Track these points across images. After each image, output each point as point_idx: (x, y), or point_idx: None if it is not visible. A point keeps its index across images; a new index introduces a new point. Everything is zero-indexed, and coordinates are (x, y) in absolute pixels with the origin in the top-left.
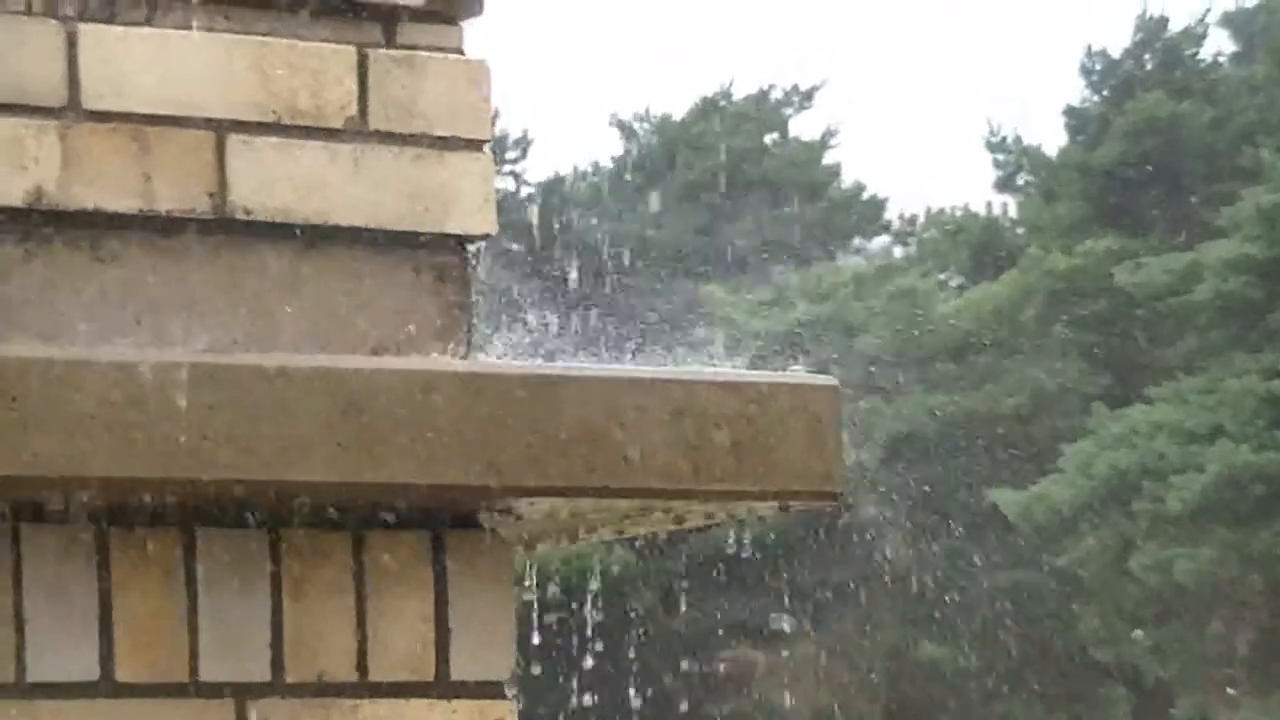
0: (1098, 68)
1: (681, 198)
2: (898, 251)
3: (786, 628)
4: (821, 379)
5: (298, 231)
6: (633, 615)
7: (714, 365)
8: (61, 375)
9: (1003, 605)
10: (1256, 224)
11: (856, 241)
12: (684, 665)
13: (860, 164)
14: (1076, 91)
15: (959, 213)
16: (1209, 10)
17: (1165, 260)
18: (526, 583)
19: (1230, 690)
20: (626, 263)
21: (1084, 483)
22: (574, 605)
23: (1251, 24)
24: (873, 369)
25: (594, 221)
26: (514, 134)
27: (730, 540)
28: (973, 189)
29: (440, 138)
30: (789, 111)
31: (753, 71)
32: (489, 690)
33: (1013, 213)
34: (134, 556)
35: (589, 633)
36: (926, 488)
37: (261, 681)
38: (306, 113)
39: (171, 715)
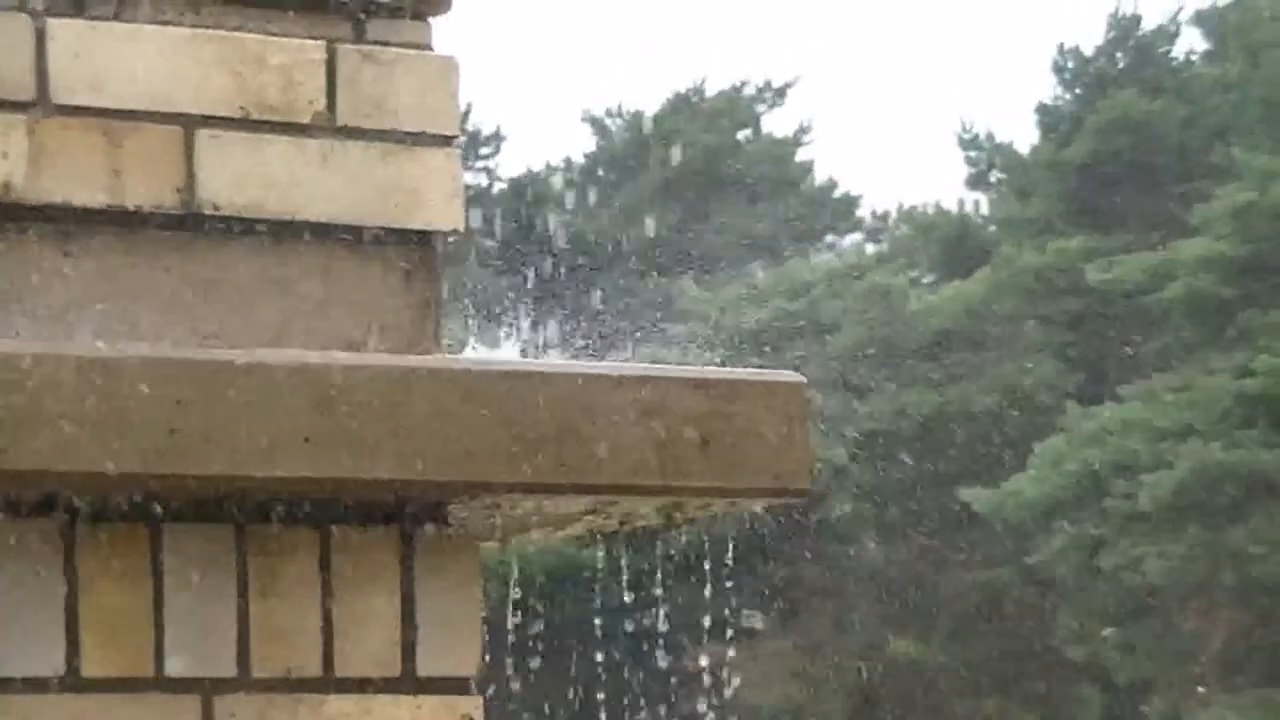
0: (1070, 65)
1: (654, 194)
2: (870, 249)
3: (759, 625)
4: (789, 376)
5: (267, 227)
6: (604, 612)
7: (684, 363)
8: (30, 369)
9: (975, 603)
10: (1228, 222)
11: (829, 238)
12: (656, 662)
13: (833, 161)
14: (1049, 89)
15: (931, 210)
16: (1181, 8)
17: (1137, 258)
18: (497, 580)
19: (1201, 688)
20: (599, 259)
21: (1055, 480)
22: (544, 602)
23: (1224, 22)
24: (845, 366)
25: (566, 218)
26: (486, 130)
27: (701, 537)
28: (945, 186)
29: (409, 133)
30: (762, 108)
31: (726, 67)
32: (457, 686)
33: (985, 210)
34: (101, 551)
35: (559, 630)
36: (899, 485)
37: (228, 677)
38: (275, 108)
39: (138, 711)
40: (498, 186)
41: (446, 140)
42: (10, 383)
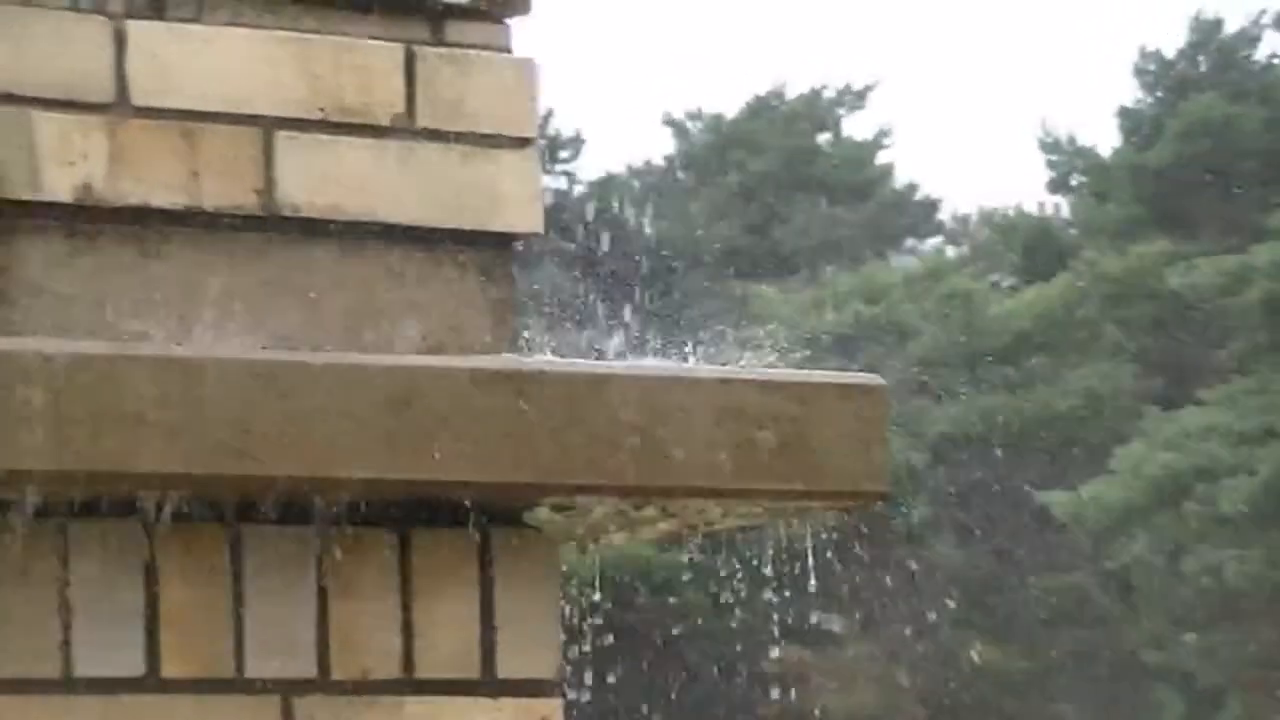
0: (1152, 69)
1: (733, 197)
2: (950, 252)
3: (836, 628)
4: (869, 379)
5: (344, 229)
6: (681, 614)
7: (761, 365)
8: (108, 372)
9: (1053, 607)
10: None
11: (909, 242)
12: (732, 665)
13: (913, 164)
14: (1130, 92)
15: (1012, 213)
16: (1264, 12)
17: (1217, 262)
18: (575, 582)
19: None
20: (677, 262)
21: (1135, 485)
22: (621, 605)
23: None
24: (924, 370)
25: (645, 221)
26: (566, 133)
27: (779, 540)
28: (1026, 189)
29: (487, 136)
30: (842, 111)
31: (806, 70)
32: (535, 688)
33: (1065, 214)
34: (180, 553)
35: (636, 632)
36: (978, 489)
37: (307, 679)
38: (354, 110)
39: (217, 712)
40: (577, 189)
41: (524, 142)
42: (89, 384)
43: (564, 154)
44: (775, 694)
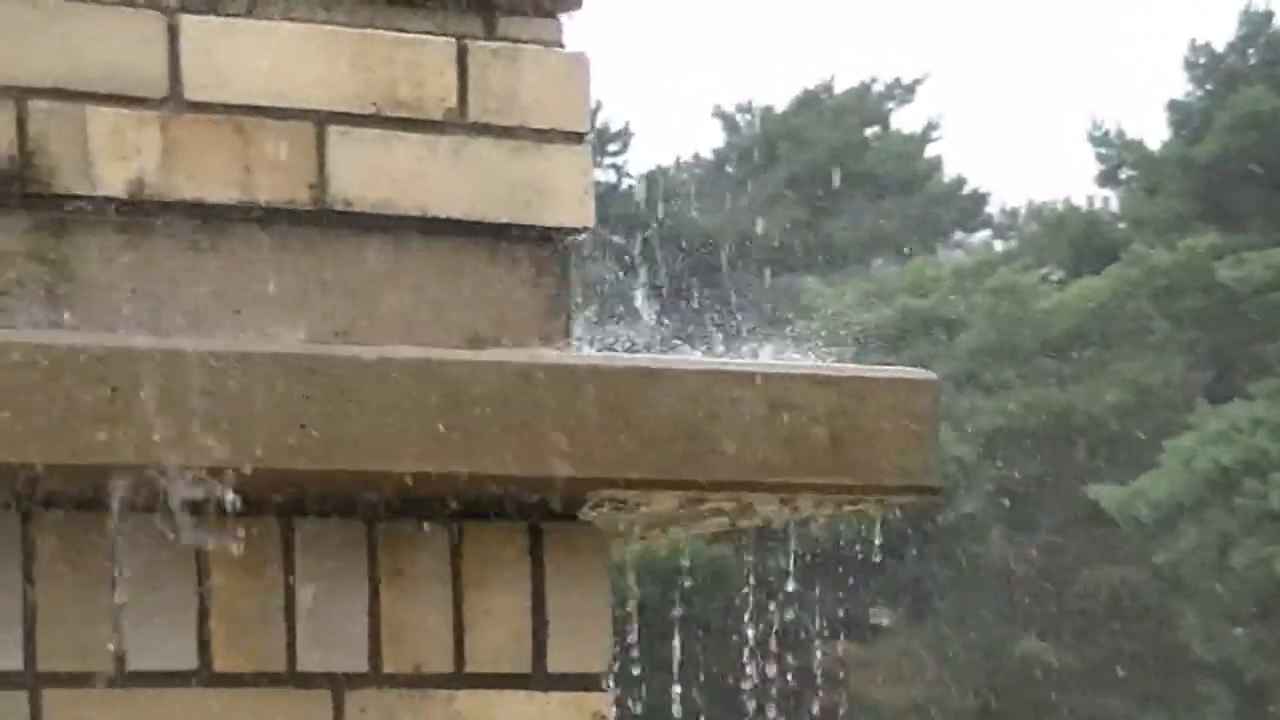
0: (1201, 62)
1: (782, 190)
2: (998, 245)
3: (886, 622)
4: (920, 374)
5: (397, 223)
6: (731, 607)
7: (812, 359)
8: (162, 366)
9: (1102, 601)
10: None
11: (957, 235)
12: (783, 658)
13: (961, 157)
14: (1179, 85)
15: (1060, 207)
16: None
17: (1267, 256)
18: (622, 574)
19: None
20: (726, 255)
21: (1185, 478)
22: (670, 599)
23: None
24: (973, 364)
25: (694, 213)
26: (615, 126)
27: (828, 534)
28: (1075, 183)
29: (539, 130)
30: (891, 105)
31: (855, 64)
32: (586, 682)
33: (1114, 207)
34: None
35: (684, 625)
36: (1026, 483)
37: (359, 672)
38: (406, 104)
39: (269, 705)
40: (626, 182)
41: (577, 137)
42: (142, 379)
43: (613, 146)
44: (823, 687)
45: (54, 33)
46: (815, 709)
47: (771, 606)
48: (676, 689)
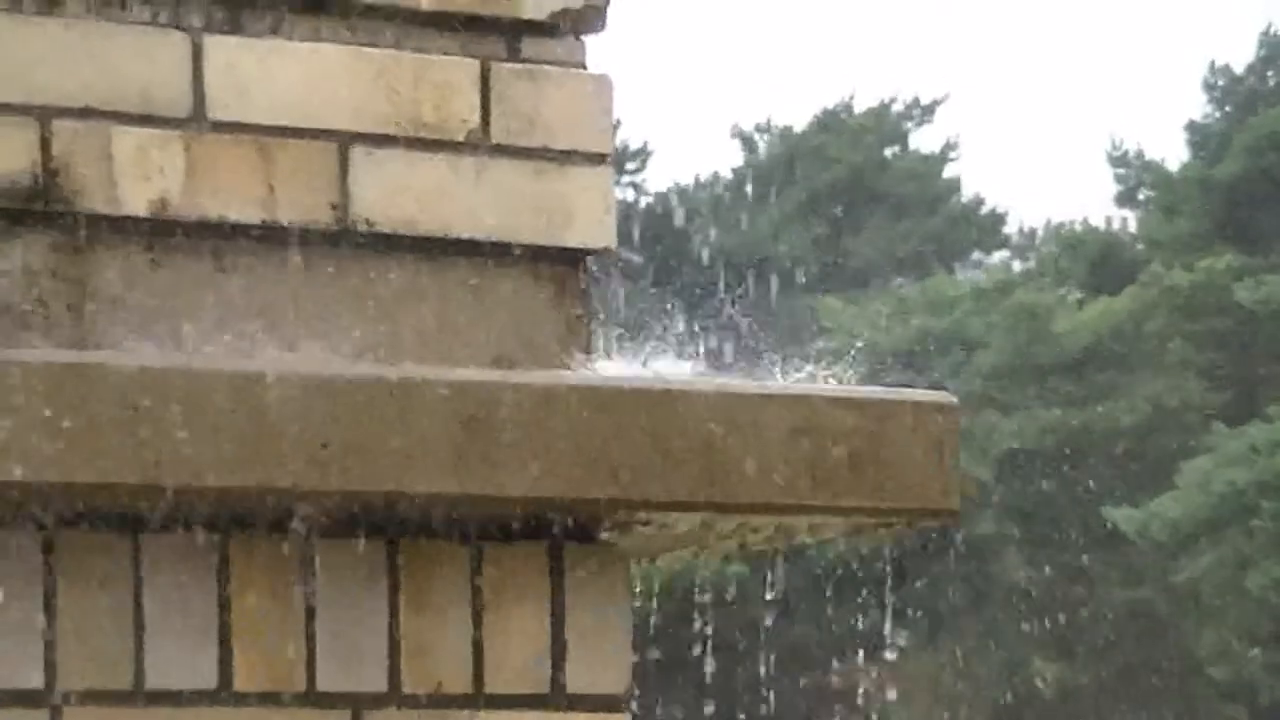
0: (1220, 83)
1: (801, 210)
2: (1017, 265)
3: (903, 642)
4: (941, 396)
5: (419, 244)
6: (748, 626)
7: (833, 380)
8: (185, 385)
9: (1119, 622)
10: None
11: (975, 255)
12: (799, 678)
13: (980, 177)
14: (1199, 106)
15: (1079, 227)
16: None
17: None
18: (643, 594)
19: None
20: (745, 275)
21: (1202, 500)
22: (687, 618)
23: None
24: (990, 383)
25: (713, 232)
26: (634, 144)
27: (846, 554)
28: (1093, 203)
29: (562, 151)
30: (909, 125)
31: (874, 84)
32: (605, 703)
33: (1133, 227)
34: (253, 565)
35: (702, 645)
36: (1043, 503)
37: (378, 692)
38: (429, 125)
39: None
40: (645, 201)
41: (599, 158)
42: (167, 398)
43: (631, 165)
44: (839, 706)
45: (79, 53)
46: None
47: (788, 626)
48: (689, 707)
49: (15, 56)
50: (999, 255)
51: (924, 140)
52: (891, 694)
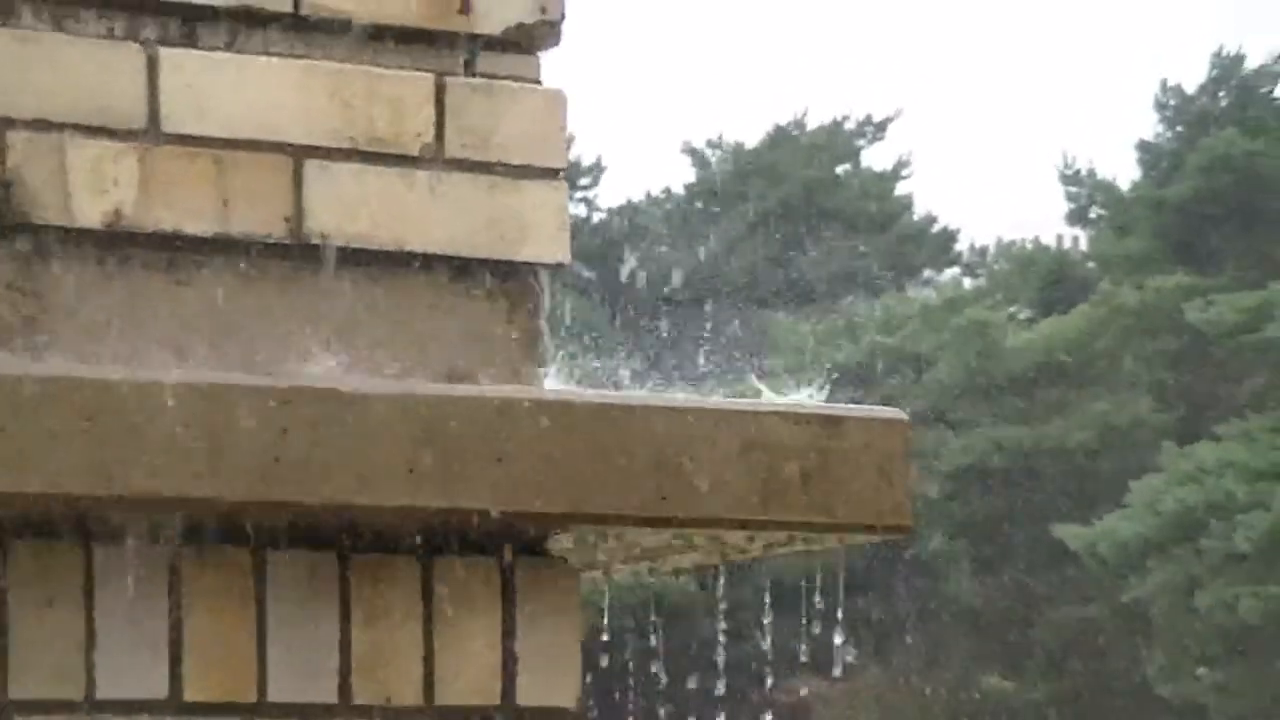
0: (1172, 103)
1: (753, 226)
2: (967, 283)
3: (850, 658)
4: (892, 413)
5: (373, 258)
6: (695, 642)
7: (785, 397)
8: (138, 397)
9: (1067, 640)
10: None
11: (926, 273)
12: (747, 694)
13: (932, 195)
14: (1150, 126)
15: (1030, 245)
16: None
17: (1236, 298)
18: (592, 609)
19: None
20: (696, 291)
21: (1151, 519)
22: (635, 632)
23: None
24: (940, 401)
25: (665, 249)
26: (586, 160)
27: (795, 569)
28: (1044, 222)
29: (516, 166)
30: (862, 142)
31: (826, 101)
32: (556, 716)
33: (1084, 246)
34: (205, 577)
35: (649, 660)
36: (992, 521)
37: (328, 703)
38: (384, 139)
39: None
40: (597, 216)
41: (553, 173)
42: (116, 410)
43: (584, 181)
44: None
45: (34, 64)
46: None
47: (736, 642)
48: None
49: None
50: (950, 273)
51: (876, 158)
52: (838, 709)
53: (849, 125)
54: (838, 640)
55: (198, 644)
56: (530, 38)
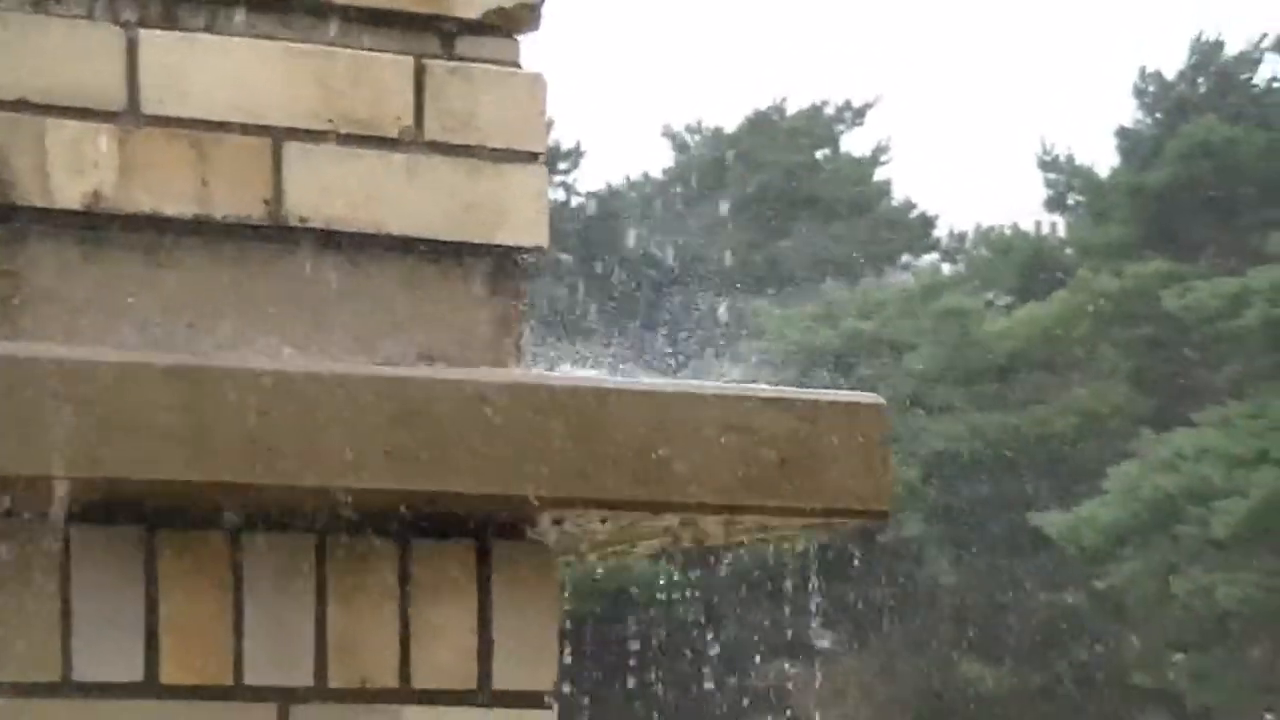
0: (1151, 89)
1: (732, 211)
2: (946, 269)
3: (828, 644)
4: (870, 398)
5: (353, 240)
6: (673, 627)
7: (763, 381)
8: (117, 378)
9: (1045, 626)
10: None
11: (905, 259)
12: (724, 679)
13: (911, 181)
14: (1129, 113)
15: (1008, 231)
16: (1265, 35)
17: (1214, 285)
18: (570, 594)
19: (1271, 716)
20: (675, 276)
21: (1128, 505)
22: (611, 616)
23: None
24: (919, 387)
25: (644, 233)
26: (566, 144)
27: (772, 555)
28: (1023, 208)
29: (495, 149)
30: (841, 128)
31: (806, 86)
32: (532, 700)
33: (1062, 233)
34: (182, 560)
35: (626, 644)
36: (971, 507)
37: (305, 686)
38: (363, 122)
39: (215, 718)
40: (576, 201)
41: (532, 157)
42: (96, 391)
43: (563, 165)
44: (764, 708)
45: (13, 45)
46: None
47: (715, 626)
48: (614, 705)
49: None
50: (928, 259)
51: (855, 143)
52: (816, 694)
53: (828, 110)
54: (816, 625)
55: (174, 627)
56: (510, 21)
